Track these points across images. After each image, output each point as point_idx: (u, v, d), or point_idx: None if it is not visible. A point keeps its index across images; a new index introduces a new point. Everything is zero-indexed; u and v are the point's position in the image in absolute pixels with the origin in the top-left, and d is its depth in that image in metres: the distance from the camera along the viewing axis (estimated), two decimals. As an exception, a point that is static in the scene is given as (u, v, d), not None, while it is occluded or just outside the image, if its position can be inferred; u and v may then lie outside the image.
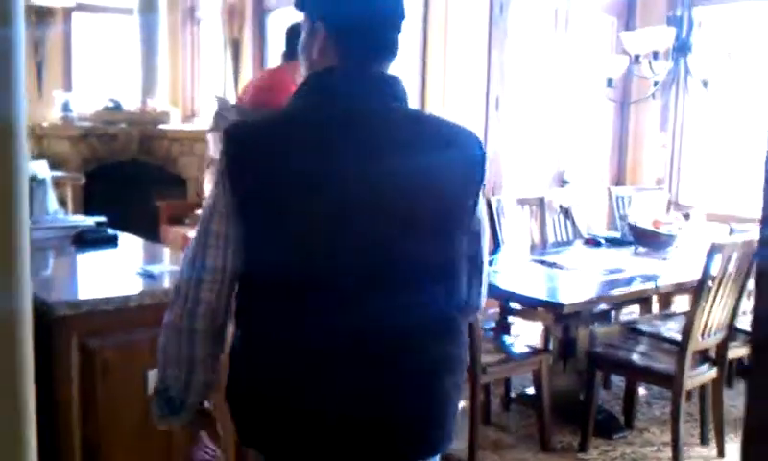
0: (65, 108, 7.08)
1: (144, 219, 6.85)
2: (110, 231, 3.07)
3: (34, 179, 3.33)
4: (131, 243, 3.12)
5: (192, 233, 5.23)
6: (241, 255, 1.40)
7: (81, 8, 7.31)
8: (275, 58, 5.96)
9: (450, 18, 5.11)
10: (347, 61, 1.39)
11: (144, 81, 7.28)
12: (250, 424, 1.46)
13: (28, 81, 6.99)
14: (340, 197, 1.35)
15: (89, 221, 3.22)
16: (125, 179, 7.16)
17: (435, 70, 5.20)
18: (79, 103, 7.17)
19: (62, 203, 3.70)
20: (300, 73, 1.48)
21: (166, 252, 2.96)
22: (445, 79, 5.14)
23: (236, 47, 6.97)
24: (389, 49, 1.43)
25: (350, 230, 1.36)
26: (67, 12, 7.20)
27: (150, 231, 6.68)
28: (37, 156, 6.76)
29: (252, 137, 1.41)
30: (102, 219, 3.50)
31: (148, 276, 2.43)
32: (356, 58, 1.40)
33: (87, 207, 7.17)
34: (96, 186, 7.19)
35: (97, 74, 7.50)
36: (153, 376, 2.27)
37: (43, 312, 2.07)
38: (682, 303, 4.33)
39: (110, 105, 7.21)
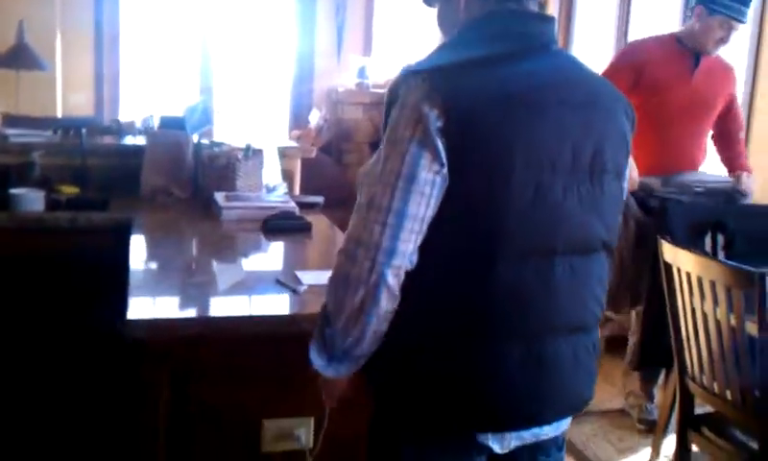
0: (361, 73, 6.88)
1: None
2: (303, 219, 2.55)
3: (247, 150, 2.94)
4: (326, 234, 2.58)
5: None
6: None
7: (384, -30, 7.04)
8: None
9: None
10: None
11: (441, 48, 6.80)
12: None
13: (327, 44, 7.06)
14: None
15: (290, 203, 2.74)
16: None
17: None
18: (376, 69, 6.93)
19: (288, 177, 3.27)
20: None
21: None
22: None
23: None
24: None
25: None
26: (371, -25, 6.97)
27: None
28: (331, 121, 6.69)
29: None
30: (316, 199, 3.03)
31: (291, 289, 1.84)
32: None
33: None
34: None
35: (397, 40, 7.19)
36: (269, 426, 1.71)
37: (123, 332, 1.59)
38: None
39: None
